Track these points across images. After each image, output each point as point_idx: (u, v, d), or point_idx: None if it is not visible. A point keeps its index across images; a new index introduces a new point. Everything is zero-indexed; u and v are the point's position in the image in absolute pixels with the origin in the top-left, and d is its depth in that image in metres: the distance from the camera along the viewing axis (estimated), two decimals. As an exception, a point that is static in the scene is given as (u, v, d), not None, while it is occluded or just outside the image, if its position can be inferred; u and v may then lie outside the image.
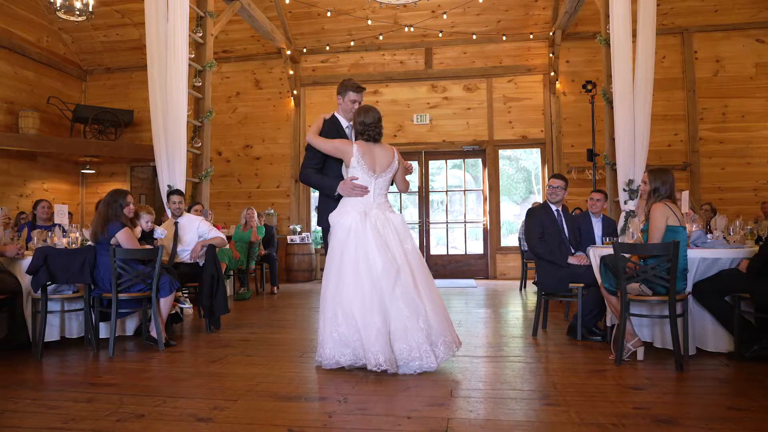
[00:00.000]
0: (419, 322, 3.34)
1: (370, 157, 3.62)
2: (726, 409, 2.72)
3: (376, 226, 3.50)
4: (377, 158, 3.64)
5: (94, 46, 11.08)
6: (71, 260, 4.11)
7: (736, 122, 9.50)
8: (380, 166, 3.64)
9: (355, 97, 3.80)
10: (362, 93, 3.86)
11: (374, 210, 3.58)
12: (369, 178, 3.61)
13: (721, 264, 3.79)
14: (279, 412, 2.74)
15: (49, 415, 2.73)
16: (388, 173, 3.68)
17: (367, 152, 3.62)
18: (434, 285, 3.60)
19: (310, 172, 3.80)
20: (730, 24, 9.51)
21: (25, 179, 9.99)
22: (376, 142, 3.67)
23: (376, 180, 3.63)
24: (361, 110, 3.69)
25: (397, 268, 3.40)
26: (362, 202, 3.60)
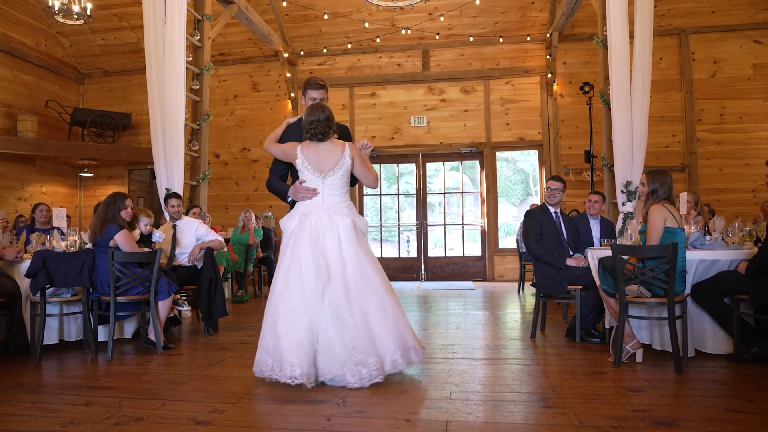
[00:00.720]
0: (345, 338, 3.12)
1: (315, 157, 3.44)
2: (725, 411, 2.72)
3: (316, 230, 3.32)
4: (323, 158, 3.44)
5: (92, 50, 11.08)
6: (70, 263, 4.11)
7: (734, 123, 9.52)
8: (327, 165, 3.42)
9: (314, 95, 3.63)
10: (322, 90, 3.65)
11: (319, 212, 3.38)
12: (316, 179, 3.44)
13: (720, 265, 3.80)
14: (278, 416, 2.74)
15: (47, 419, 2.72)
16: (338, 171, 3.43)
17: (312, 152, 3.45)
18: (386, 297, 3.30)
19: (273, 179, 3.70)
20: (727, 25, 9.54)
21: (24, 182, 9.98)
22: (322, 141, 3.45)
23: (324, 180, 3.42)
24: (307, 109, 3.52)
25: (327, 276, 3.21)
26: (309, 204, 3.44)
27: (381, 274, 3.38)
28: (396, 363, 3.22)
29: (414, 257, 10.80)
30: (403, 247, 11.38)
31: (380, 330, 3.22)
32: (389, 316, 3.27)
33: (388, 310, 3.28)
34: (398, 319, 3.31)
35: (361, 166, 3.52)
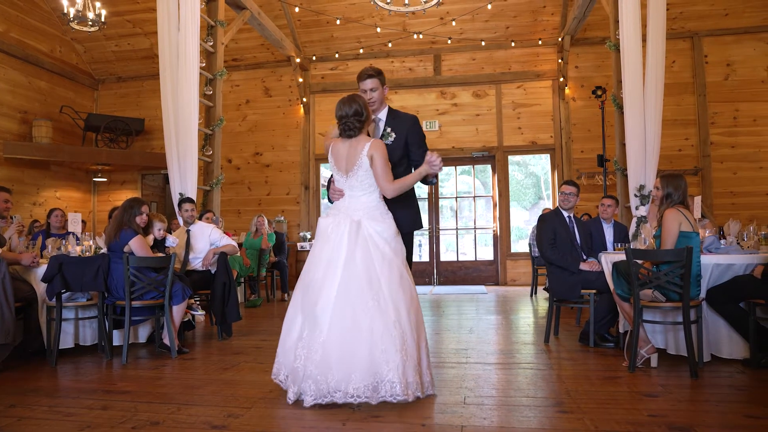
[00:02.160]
0: (314, 352, 2.87)
1: (338, 155, 3.22)
2: (743, 417, 2.69)
3: (326, 233, 3.14)
4: (346, 156, 3.18)
5: (105, 56, 11.21)
6: (85, 268, 4.15)
7: (748, 126, 9.44)
8: (349, 164, 3.16)
9: (364, 87, 3.36)
10: (371, 79, 3.34)
11: (338, 215, 3.18)
12: (341, 179, 3.23)
13: (735, 270, 3.77)
14: (293, 420, 2.74)
15: (65, 422, 2.75)
16: (357, 171, 3.14)
17: (336, 150, 3.23)
18: (372, 315, 2.88)
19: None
20: (740, 27, 9.47)
21: (39, 187, 10.10)
22: (351, 138, 3.18)
23: (347, 180, 3.19)
24: (338, 102, 3.24)
25: (311, 279, 3.06)
26: (336, 206, 3.26)
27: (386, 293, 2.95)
28: (354, 392, 2.79)
29: (426, 261, 10.79)
30: (415, 252, 11.37)
31: (352, 348, 2.85)
32: (367, 336, 2.86)
33: (365, 331, 2.87)
34: (379, 344, 2.83)
35: (381, 168, 3.11)
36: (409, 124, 3.44)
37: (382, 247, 3.07)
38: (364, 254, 3.02)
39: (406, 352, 2.86)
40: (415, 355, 2.92)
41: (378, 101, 3.38)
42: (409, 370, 2.85)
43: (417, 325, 3.00)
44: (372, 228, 3.10)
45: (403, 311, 2.94)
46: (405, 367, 2.82)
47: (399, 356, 2.82)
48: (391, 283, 2.99)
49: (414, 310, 3.02)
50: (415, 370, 2.88)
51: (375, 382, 2.79)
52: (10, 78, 9.48)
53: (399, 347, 2.83)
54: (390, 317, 2.89)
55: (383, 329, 2.86)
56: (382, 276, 2.99)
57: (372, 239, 3.08)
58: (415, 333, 2.96)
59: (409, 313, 2.96)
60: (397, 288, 2.99)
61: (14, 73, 9.56)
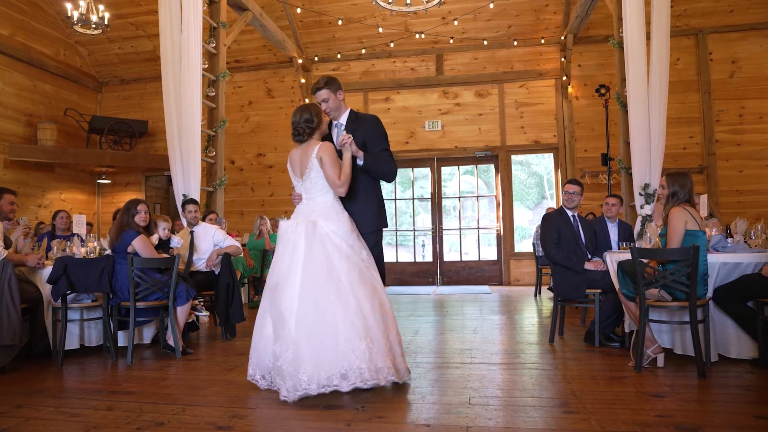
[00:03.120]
0: (286, 350, 2.99)
1: (293, 161, 3.42)
2: (752, 418, 2.67)
3: (287, 235, 3.27)
4: (299, 161, 3.37)
5: (109, 58, 11.24)
6: (90, 270, 4.16)
7: (754, 124, 9.38)
8: (302, 168, 3.34)
9: (316, 99, 3.51)
10: (321, 91, 3.44)
11: (297, 217, 3.33)
12: (297, 183, 3.42)
13: (743, 269, 3.74)
14: (297, 420, 2.74)
15: (71, 423, 2.75)
16: (309, 174, 3.30)
17: (296, 155, 3.41)
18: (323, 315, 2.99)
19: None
20: (746, 24, 9.42)
21: (44, 190, 10.13)
22: (301, 143, 3.39)
23: (303, 184, 3.36)
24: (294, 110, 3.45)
25: (276, 281, 3.19)
26: (296, 209, 3.43)
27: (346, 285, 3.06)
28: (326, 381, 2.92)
29: (429, 261, 10.77)
30: (419, 252, 11.35)
31: (319, 341, 2.97)
32: (331, 328, 2.98)
33: (328, 323, 2.99)
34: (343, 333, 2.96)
35: (329, 168, 3.25)
36: (367, 125, 3.49)
37: (339, 244, 3.19)
38: (322, 251, 3.15)
39: (371, 339, 2.99)
40: (383, 342, 3.04)
41: (334, 109, 3.50)
42: (378, 355, 2.98)
43: (383, 315, 3.12)
44: (327, 227, 3.22)
45: (365, 302, 3.07)
46: (372, 353, 2.96)
47: (364, 343, 2.95)
48: (350, 276, 3.11)
49: (378, 301, 3.14)
50: (386, 356, 3.01)
51: (344, 370, 2.92)
52: (16, 81, 9.52)
53: (363, 335, 2.96)
54: (351, 307, 3.02)
55: (345, 319, 2.99)
56: (341, 270, 3.11)
57: (329, 237, 3.20)
58: (381, 323, 3.08)
59: (372, 304, 3.08)
60: (357, 281, 3.11)
61: (19, 77, 9.59)
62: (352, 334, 2.96)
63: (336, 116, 3.54)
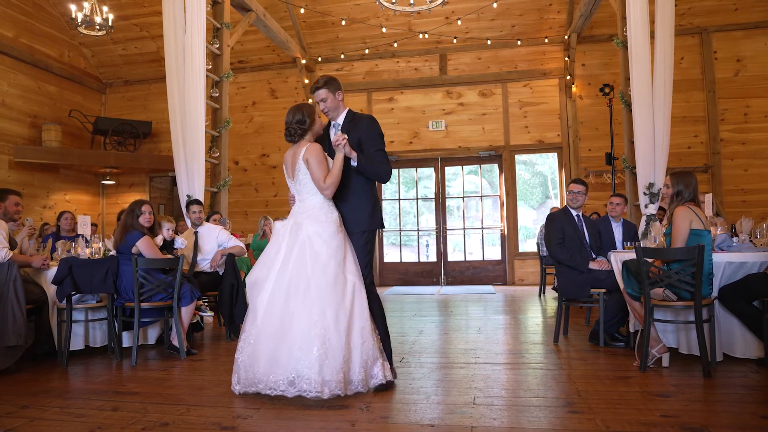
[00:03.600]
0: (248, 344, 3.14)
1: (286, 162, 3.40)
2: (758, 418, 2.65)
3: (278, 234, 3.31)
4: (291, 161, 3.35)
5: (113, 60, 11.27)
6: (95, 270, 4.17)
7: (759, 122, 9.34)
8: (293, 168, 3.32)
9: (314, 99, 3.49)
10: (318, 91, 3.42)
11: (290, 218, 3.32)
12: (290, 184, 3.40)
13: (748, 268, 3.72)
14: (301, 421, 2.74)
15: (76, 423, 2.76)
16: (298, 175, 3.29)
17: (289, 156, 3.38)
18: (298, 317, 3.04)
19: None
20: (750, 22, 9.37)
21: (48, 191, 10.17)
22: (293, 143, 3.37)
23: (294, 185, 3.35)
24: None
25: (255, 278, 3.24)
26: (292, 209, 3.42)
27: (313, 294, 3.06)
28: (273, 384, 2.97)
29: (434, 261, 10.76)
30: (423, 252, 11.34)
31: (276, 345, 3.03)
32: (288, 335, 3.02)
33: (287, 330, 3.03)
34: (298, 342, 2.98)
35: (315, 169, 3.22)
36: (363, 126, 3.44)
37: (318, 248, 3.16)
38: (299, 256, 3.16)
39: (326, 352, 2.97)
40: (340, 355, 2.99)
41: (332, 109, 3.46)
42: (328, 368, 2.95)
43: (348, 326, 3.07)
44: (311, 229, 3.21)
45: (330, 312, 3.04)
46: (322, 365, 2.94)
47: (317, 354, 2.95)
48: (320, 284, 3.09)
49: (345, 310, 3.08)
50: (338, 369, 2.97)
51: (292, 377, 2.95)
52: (20, 83, 9.56)
53: (318, 346, 2.97)
54: (312, 317, 3.03)
55: (304, 327, 3.02)
56: (313, 278, 3.11)
57: (310, 240, 3.18)
58: (344, 334, 3.03)
59: (338, 314, 3.05)
60: (327, 289, 3.08)
61: (24, 78, 9.64)
62: (307, 344, 2.97)
63: (334, 116, 3.50)
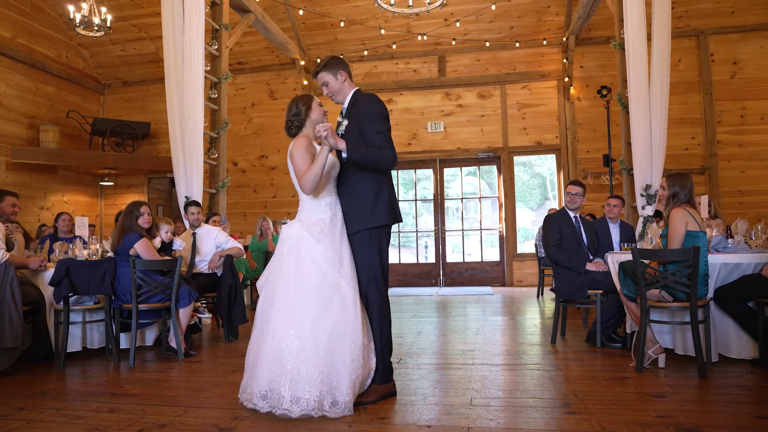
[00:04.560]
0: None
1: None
2: (753, 418, 2.67)
3: (280, 238, 3.10)
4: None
5: (111, 61, 11.28)
6: (92, 272, 4.17)
7: (755, 124, 9.37)
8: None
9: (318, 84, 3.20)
10: (317, 77, 3.16)
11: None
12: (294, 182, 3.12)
13: (743, 269, 3.74)
14: (299, 422, 2.74)
15: (73, 425, 2.76)
16: (291, 172, 3.07)
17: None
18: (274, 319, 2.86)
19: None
20: (747, 25, 9.41)
21: (46, 192, 10.16)
22: (292, 137, 3.11)
23: (296, 184, 3.07)
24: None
25: (263, 281, 3.08)
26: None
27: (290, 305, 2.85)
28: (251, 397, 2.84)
29: (432, 263, 10.77)
30: (421, 253, 11.36)
31: (257, 356, 2.89)
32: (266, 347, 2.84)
33: (266, 342, 2.85)
34: (273, 356, 2.79)
35: (295, 164, 2.97)
36: (361, 106, 3.08)
37: (303, 253, 2.92)
38: (287, 260, 2.94)
39: (300, 368, 2.73)
40: (317, 371, 2.73)
41: (336, 92, 3.16)
42: (304, 385, 2.72)
43: (330, 339, 2.79)
44: (297, 231, 2.98)
45: (307, 324, 2.79)
46: (296, 382, 2.72)
47: (290, 368, 2.73)
48: (299, 292, 2.85)
49: (329, 322, 2.82)
50: (315, 385, 2.72)
51: (264, 391, 2.78)
52: (18, 83, 9.55)
53: (293, 360, 2.74)
54: (288, 331, 2.80)
55: (277, 340, 2.80)
56: (293, 285, 2.88)
57: (298, 244, 2.95)
58: (323, 348, 2.77)
59: (315, 326, 2.79)
60: (307, 298, 2.84)
61: (21, 79, 9.63)
62: (280, 359, 2.77)
63: (340, 100, 3.19)
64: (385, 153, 2.95)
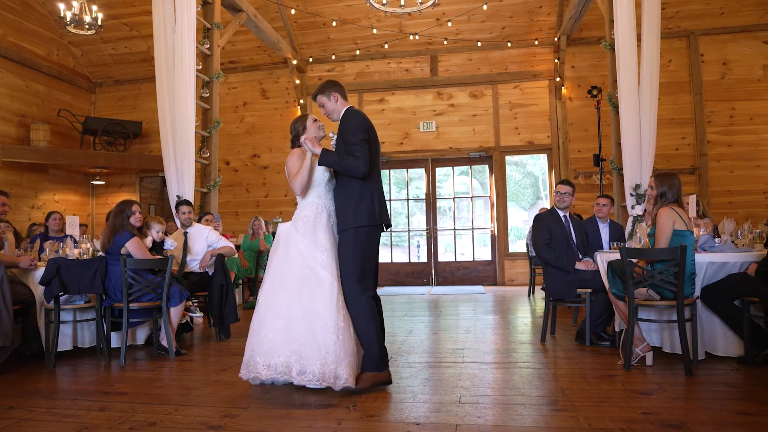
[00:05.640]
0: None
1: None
2: (736, 414, 2.71)
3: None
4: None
5: (103, 59, 11.23)
6: (83, 271, 4.17)
7: (745, 125, 9.46)
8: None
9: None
10: (315, 100, 3.58)
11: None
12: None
13: (729, 268, 3.78)
14: (289, 420, 2.76)
15: (63, 424, 2.77)
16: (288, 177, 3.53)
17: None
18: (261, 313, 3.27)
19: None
20: (737, 26, 9.50)
21: (37, 191, 10.11)
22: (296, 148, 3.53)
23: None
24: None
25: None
26: None
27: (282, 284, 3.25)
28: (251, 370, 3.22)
29: (424, 262, 10.81)
30: (413, 252, 11.38)
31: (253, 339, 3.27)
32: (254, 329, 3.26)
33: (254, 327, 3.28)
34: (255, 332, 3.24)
35: (288, 172, 3.47)
36: (345, 121, 3.41)
37: (291, 245, 3.32)
38: (277, 252, 3.37)
39: (274, 338, 3.16)
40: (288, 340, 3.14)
41: (331, 111, 3.50)
42: (276, 352, 3.12)
43: (305, 314, 3.15)
44: (289, 228, 3.39)
45: (284, 300, 3.21)
46: (270, 351, 3.14)
47: (262, 335, 3.19)
48: (283, 275, 3.27)
49: (305, 300, 3.18)
50: (284, 353, 3.11)
51: (247, 359, 3.22)
52: (8, 82, 9.50)
53: (268, 330, 3.19)
54: (269, 305, 3.24)
55: (261, 315, 3.25)
56: (284, 271, 3.28)
57: (287, 237, 3.36)
58: (295, 322, 3.15)
59: (291, 302, 3.19)
60: (289, 280, 3.24)
61: (12, 77, 9.58)
62: (259, 326, 3.22)
63: (336, 118, 3.50)
64: (352, 162, 3.25)
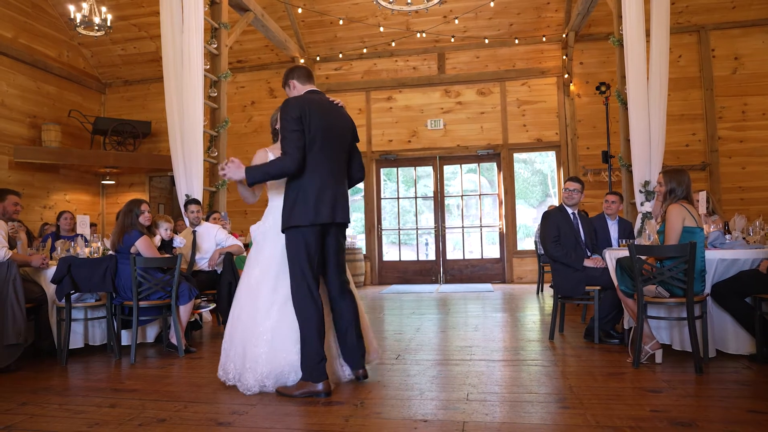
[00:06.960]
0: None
1: None
2: (747, 413, 2.69)
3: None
4: None
5: (112, 60, 11.31)
6: (93, 269, 4.21)
7: (757, 120, 9.36)
8: None
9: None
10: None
11: None
12: None
13: (740, 265, 3.75)
14: (297, 416, 2.77)
15: (75, 420, 2.80)
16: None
17: None
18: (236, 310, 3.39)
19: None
20: (748, 20, 9.39)
21: (48, 191, 10.21)
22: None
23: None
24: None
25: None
26: None
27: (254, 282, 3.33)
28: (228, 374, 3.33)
29: (432, 260, 10.80)
30: (422, 250, 11.39)
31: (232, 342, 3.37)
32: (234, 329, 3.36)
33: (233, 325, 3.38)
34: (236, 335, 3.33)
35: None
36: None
37: (263, 242, 3.45)
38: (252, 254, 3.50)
39: (228, 338, 3.37)
40: (228, 341, 3.36)
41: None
42: (229, 364, 3.31)
43: (238, 315, 3.34)
44: (254, 228, 3.57)
45: (238, 312, 3.37)
46: (224, 351, 3.38)
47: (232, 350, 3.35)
48: (241, 285, 3.43)
49: (239, 302, 3.36)
50: (224, 352, 3.37)
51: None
52: (20, 83, 9.60)
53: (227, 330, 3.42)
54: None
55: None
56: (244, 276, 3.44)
57: (256, 237, 3.53)
58: (232, 324, 3.36)
59: (240, 314, 3.33)
60: (244, 290, 3.39)
61: (23, 79, 9.67)
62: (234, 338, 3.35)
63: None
64: (278, 164, 3.08)
